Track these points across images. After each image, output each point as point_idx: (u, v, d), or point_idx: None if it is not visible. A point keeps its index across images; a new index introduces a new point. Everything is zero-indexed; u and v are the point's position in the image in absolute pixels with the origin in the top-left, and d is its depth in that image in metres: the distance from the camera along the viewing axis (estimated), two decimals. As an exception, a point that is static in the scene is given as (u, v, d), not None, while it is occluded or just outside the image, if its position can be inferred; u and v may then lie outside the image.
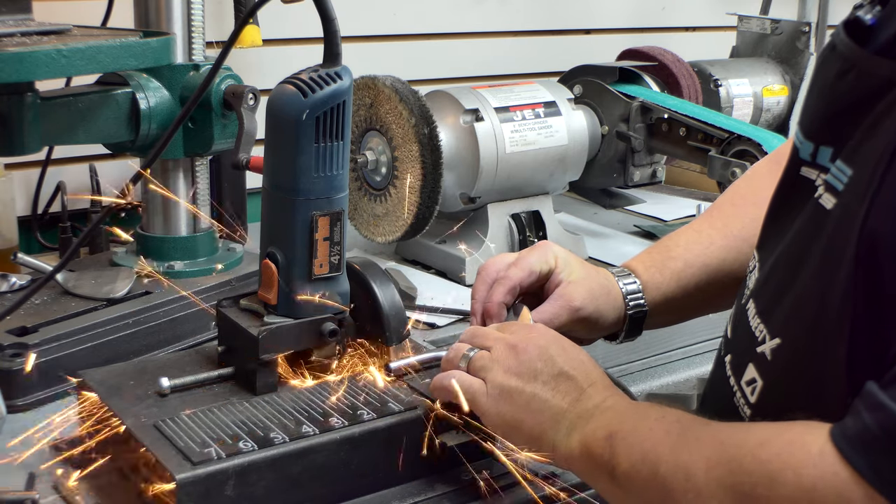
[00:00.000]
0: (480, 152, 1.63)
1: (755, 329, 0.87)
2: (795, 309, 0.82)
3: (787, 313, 0.83)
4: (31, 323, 1.24)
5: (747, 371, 0.87)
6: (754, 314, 0.88)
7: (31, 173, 1.70)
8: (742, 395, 0.88)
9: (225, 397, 1.03)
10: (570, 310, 1.10)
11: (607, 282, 1.15)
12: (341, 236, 1.05)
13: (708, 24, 2.57)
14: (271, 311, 1.05)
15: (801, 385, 0.80)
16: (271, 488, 0.93)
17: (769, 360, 0.84)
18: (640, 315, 1.15)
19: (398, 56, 2.10)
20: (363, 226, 1.70)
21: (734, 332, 0.94)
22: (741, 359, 0.88)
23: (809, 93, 0.90)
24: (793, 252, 0.84)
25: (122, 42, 1.19)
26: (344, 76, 1.01)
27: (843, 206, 0.77)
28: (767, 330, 0.85)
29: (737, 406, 0.88)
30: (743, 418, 0.87)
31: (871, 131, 0.76)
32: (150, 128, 1.33)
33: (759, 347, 0.85)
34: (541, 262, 1.13)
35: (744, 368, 0.87)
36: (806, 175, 0.85)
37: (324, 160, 1.01)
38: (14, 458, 1.03)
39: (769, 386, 0.84)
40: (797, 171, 0.87)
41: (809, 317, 0.79)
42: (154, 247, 1.44)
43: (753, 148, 1.64)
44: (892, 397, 0.68)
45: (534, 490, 1.04)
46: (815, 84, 0.88)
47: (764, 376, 0.85)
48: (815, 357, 0.78)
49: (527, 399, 0.95)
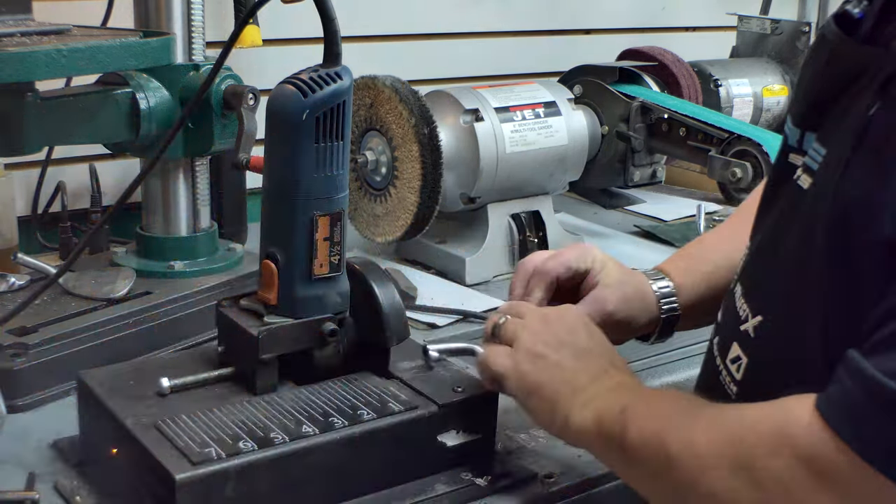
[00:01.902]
0: (480, 152, 1.63)
1: (739, 309, 0.89)
2: (774, 286, 0.85)
3: (767, 291, 0.86)
4: (31, 323, 1.24)
5: (732, 349, 0.89)
6: (740, 295, 0.91)
7: (31, 173, 1.70)
8: (728, 372, 0.90)
9: (225, 397, 1.03)
10: (602, 313, 1.12)
11: (642, 286, 1.16)
12: (341, 236, 1.05)
13: (708, 24, 2.57)
14: (271, 311, 1.05)
15: (784, 361, 0.83)
16: (271, 488, 0.94)
17: (752, 337, 0.86)
18: (674, 318, 1.16)
19: (398, 56, 2.10)
20: (363, 226, 1.70)
21: (723, 316, 0.96)
22: (726, 339, 0.91)
23: (799, 82, 0.94)
24: (773, 233, 0.88)
25: (122, 42, 1.19)
26: (344, 76, 1.01)
27: (817, 184, 0.80)
28: (750, 308, 0.87)
29: (723, 384, 0.91)
30: (730, 395, 0.89)
31: (844, 113, 0.79)
32: (150, 128, 1.33)
33: (742, 326, 0.88)
34: (579, 260, 1.15)
35: (728, 347, 0.90)
36: (793, 161, 0.88)
37: (324, 160, 1.01)
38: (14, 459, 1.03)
39: (753, 363, 0.87)
40: (786, 158, 0.90)
41: (787, 293, 0.82)
42: (154, 247, 1.44)
43: (753, 148, 1.65)
44: (873, 364, 0.69)
45: (534, 490, 1.04)
46: (805, 74, 0.92)
47: (748, 353, 0.87)
48: (794, 333, 0.80)
49: (550, 365, 0.98)
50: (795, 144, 0.88)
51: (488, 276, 1.67)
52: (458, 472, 1.04)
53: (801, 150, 0.86)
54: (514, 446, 1.12)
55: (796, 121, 0.89)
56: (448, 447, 1.04)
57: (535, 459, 1.09)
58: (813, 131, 0.85)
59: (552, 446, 1.12)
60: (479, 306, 1.54)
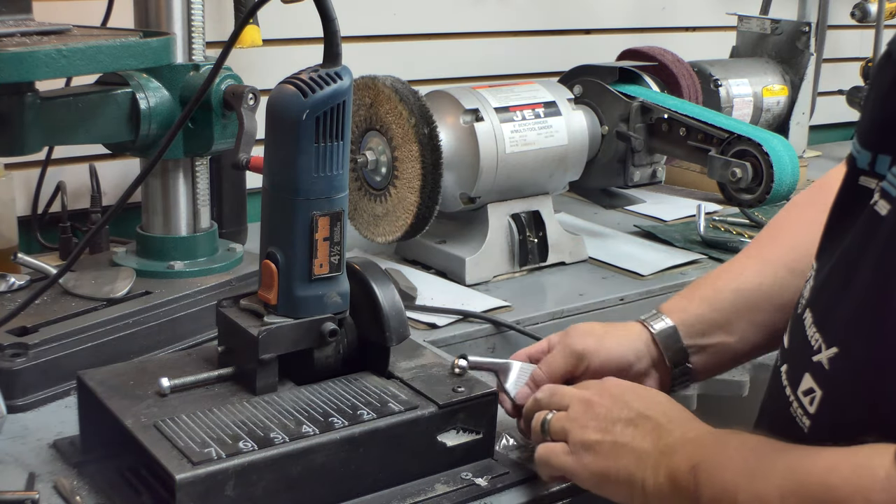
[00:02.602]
0: (480, 152, 1.63)
1: (811, 338, 0.86)
2: (851, 318, 0.81)
3: (843, 322, 0.82)
4: (31, 323, 1.24)
5: (804, 381, 0.86)
6: (810, 323, 0.87)
7: (31, 173, 1.70)
8: (799, 405, 0.87)
9: (225, 397, 1.03)
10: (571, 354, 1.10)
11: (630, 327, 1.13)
12: (341, 236, 1.05)
13: (708, 24, 2.57)
14: (271, 311, 1.05)
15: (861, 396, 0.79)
16: (271, 488, 0.94)
17: (826, 369, 0.83)
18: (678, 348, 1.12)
19: (398, 56, 2.10)
20: (363, 226, 1.70)
21: (791, 342, 0.92)
22: (797, 368, 0.87)
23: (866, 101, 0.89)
24: (847, 260, 0.83)
25: (122, 42, 1.19)
26: (344, 76, 1.01)
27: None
28: (823, 339, 0.84)
29: (794, 416, 0.87)
30: (801, 428, 0.86)
31: None
32: (151, 128, 1.33)
33: (815, 357, 0.84)
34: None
35: (800, 378, 0.86)
36: (865, 184, 0.84)
37: (324, 160, 1.01)
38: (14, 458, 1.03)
39: (828, 396, 0.83)
40: (856, 180, 0.86)
41: (865, 326, 0.78)
42: (154, 247, 1.44)
43: (753, 148, 1.64)
44: None
45: (534, 490, 1.04)
46: (872, 93, 0.87)
47: (822, 386, 0.83)
48: (872, 368, 0.77)
49: (609, 448, 0.96)
50: (867, 167, 0.84)
51: (488, 276, 1.67)
52: (458, 472, 1.05)
53: (875, 174, 0.83)
54: (513, 446, 1.12)
55: (865, 142, 0.85)
56: (448, 447, 1.04)
57: (535, 459, 1.09)
58: (886, 154, 0.81)
59: (552, 446, 1.12)
60: (479, 306, 1.55)
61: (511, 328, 1.51)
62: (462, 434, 1.05)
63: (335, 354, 1.08)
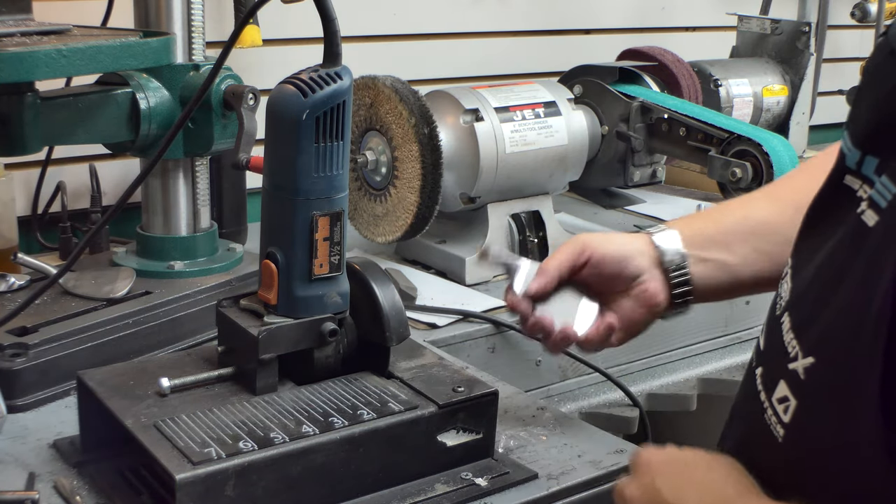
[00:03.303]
0: (480, 152, 1.63)
1: (788, 344, 0.84)
2: (830, 329, 0.78)
3: (822, 333, 0.80)
4: (31, 323, 1.24)
5: (779, 388, 0.84)
6: (788, 328, 0.85)
7: (31, 173, 1.70)
8: (773, 412, 0.85)
9: (225, 397, 1.03)
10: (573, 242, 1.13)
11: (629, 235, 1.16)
12: (341, 236, 1.05)
13: (708, 24, 2.57)
14: (271, 311, 1.05)
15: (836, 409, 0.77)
16: (271, 488, 0.94)
17: (802, 379, 0.81)
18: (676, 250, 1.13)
19: (398, 56, 2.10)
20: (363, 226, 1.70)
21: (766, 344, 0.90)
22: (773, 374, 0.86)
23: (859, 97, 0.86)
24: (831, 268, 0.81)
25: (122, 42, 1.19)
26: (344, 76, 1.01)
27: (885, 224, 0.74)
28: (801, 347, 0.82)
29: (768, 424, 0.85)
30: (776, 437, 0.84)
31: None
32: (150, 128, 1.33)
33: (790, 364, 0.82)
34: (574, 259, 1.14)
35: (775, 384, 0.84)
36: (849, 184, 0.82)
37: (324, 160, 1.01)
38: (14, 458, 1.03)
39: (803, 406, 0.81)
40: (841, 178, 0.84)
41: (844, 340, 0.76)
42: (154, 247, 1.44)
43: (753, 148, 1.65)
44: None
45: (534, 490, 1.04)
46: (867, 90, 0.84)
47: (797, 396, 0.82)
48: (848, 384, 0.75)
49: None
50: (854, 166, 0.81)
51: (488, 276, 1.67)
52: (458, 472, 1.04)
53: (860, 175, 0.80)
54: (514, 446, 1.12)
55: (856, 141, 0.82)
56: (448, 447, 1.04)
57: (535, 459, 1.09)
58: (875, 156, 0.79)
59: (552, 446, 1.12)
60: (479, 306, 1.55)
61: (511, 328, 1.51)
62: (462, 434, 1.05)
63: (335, 354, 1.08)
